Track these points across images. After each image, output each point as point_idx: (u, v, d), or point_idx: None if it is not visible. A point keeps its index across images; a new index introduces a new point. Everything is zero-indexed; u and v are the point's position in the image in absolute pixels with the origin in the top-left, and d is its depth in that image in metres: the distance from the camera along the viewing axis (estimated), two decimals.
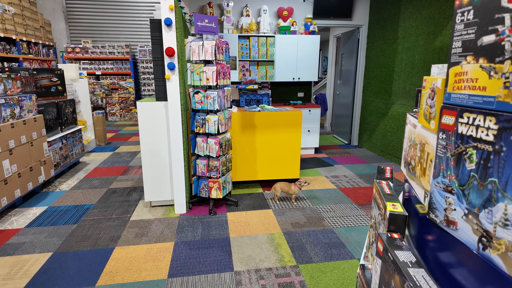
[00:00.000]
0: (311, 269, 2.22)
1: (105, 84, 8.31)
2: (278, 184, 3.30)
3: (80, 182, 3.89)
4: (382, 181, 1.27)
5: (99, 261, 2.30)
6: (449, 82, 0.75)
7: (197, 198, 3.23)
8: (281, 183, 3.31)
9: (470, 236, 0.67)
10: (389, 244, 0.92)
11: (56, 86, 4.24)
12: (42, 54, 6.95)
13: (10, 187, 2.98)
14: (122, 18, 8.41)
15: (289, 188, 3.27)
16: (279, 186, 3.28)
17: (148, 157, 3.04)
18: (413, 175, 1.01)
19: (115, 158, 4.94)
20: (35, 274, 2.14)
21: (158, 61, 2.88)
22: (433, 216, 0.80)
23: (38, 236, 2.63)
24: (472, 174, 0.66)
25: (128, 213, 3.06)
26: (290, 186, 3.28)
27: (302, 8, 5.35)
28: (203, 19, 2.87)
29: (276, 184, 3.31)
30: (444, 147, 0.76)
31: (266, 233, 2.70)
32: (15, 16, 5.99)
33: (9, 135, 3.00)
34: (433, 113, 0.85)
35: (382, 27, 5.06)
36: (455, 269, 0.78)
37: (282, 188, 3.28)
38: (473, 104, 0.67)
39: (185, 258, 2.34)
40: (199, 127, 2.96)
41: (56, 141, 3.93)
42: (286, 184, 3.29)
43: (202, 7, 5.16)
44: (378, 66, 5.20)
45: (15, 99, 3.16)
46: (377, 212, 1.17)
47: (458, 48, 0.72)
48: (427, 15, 4.02)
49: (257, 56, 5.16)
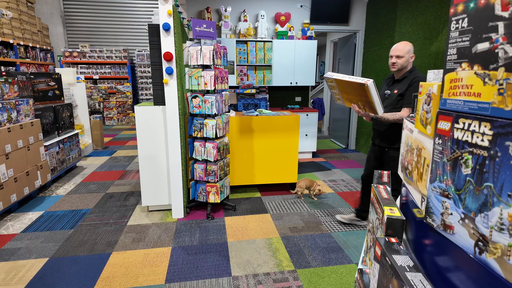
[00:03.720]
0: (309, 274, 2.22)
1: (102, 88, 8.30)
2: (302, 181, 3.53)
3: (77, 186, 3.87)
4: (380, 185, 1.28)
5: (96, 266, 2.28)
6: (444, 88, 0.76)
7: (194, 203, 3.23)
8: (304, 179, 3.55)
9: (467, 240, 0.68)
10: (387, 249, 0.92)
11: (53, 90, 4.23)
12: (40, 58, 6.94)
13: (6, 191, 2.95)
14: (120, 22, 8.43)
15: (312, 184, 3.53)
16: (304, 183, 3.52)
17: (146, 161, 3.03)
18: (410, 179, 1.02)
19: (112, 162, 4.92)
20: (31, 280, 2.11)
21: (156, 66, 2.89)
22: (430, 221, 0.81)
23: (34, 241, 2.60)
24: (468, 179, 0.67)
25: (125, 218, 3.05)
26: (313, 182, 3.54)
27: (300, 14, 5.40)
28: (201, 24, 2.89)
29: (301, 182, 3.53)
30: (441, 152, 0.77)
31: (264, 237, 2.70)
32: (13, 20, 5.99)
33: (6, 139, 2.99)
34: (429, 118, 0.86)
35: (378, 33, 5.12)
36: (452, 273, 0.78)
37: (306, 184, 3.51)
38: (469, 110, 0.68)
39: (183, 263, 2.32)
40: (197, 131, 2.96)
41: (53, 145, 3.91)
42: (309, 180, 3.55)
43: (200, 12, 5.19)
44: (375, 71, 5.24)
45: (12, 103, 3.15)
46: (375, 217, 1.18)
47: (453, 55, 0.73)
48: (423, 21, 4.07)
49: (254, 61, 5.18)
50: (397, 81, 2.40)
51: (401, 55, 2.29)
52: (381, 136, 2.49)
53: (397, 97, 2.35)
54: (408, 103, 2.28)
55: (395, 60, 2.31)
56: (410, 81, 2.30)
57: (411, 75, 2.33)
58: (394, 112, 2.34)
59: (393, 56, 2.32)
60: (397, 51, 2.30)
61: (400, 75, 2.38)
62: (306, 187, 3.49)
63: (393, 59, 2.32)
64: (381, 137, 2.50)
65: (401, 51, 2.29)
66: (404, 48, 2.29)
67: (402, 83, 2.35)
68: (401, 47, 2.30)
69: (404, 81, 2.35)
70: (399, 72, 2.38)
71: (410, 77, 2.32)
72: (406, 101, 2.31)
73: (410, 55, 2.31)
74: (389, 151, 2.46)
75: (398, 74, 2.40)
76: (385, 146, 2.48)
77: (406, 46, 2.30)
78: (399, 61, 2.30)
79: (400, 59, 2.30)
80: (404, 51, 2.29)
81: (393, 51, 2.32)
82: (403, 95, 2.32)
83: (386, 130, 2.44)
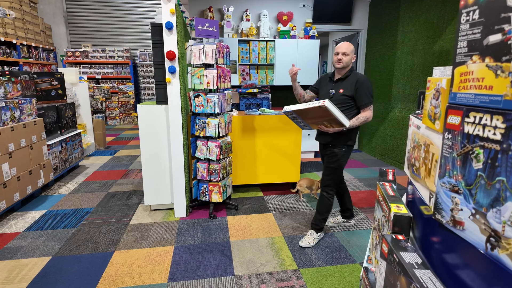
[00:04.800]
0: (312, 273, 2.20)
1: (105, 88, 8.31)
2: (303, 180, 3.46)
3: (79, 185, 3.87)
4: (385, 183, 1.27)
5: (98, 265, 2.28)
6: (454, 82, 0.75)
7: (197, 202, 3.22)
8: (305, 179, 3.47)
9: (478, 236, 0.67)
10: (394, 246, 0.91)
11: (56, 90, 4.23)
12: (42, 58, 6.96)
13: (9, 190, 2.96)
14: (122, 22, 8.45)
15: (313, 183, 3.46)
16: (304, 182, 3.45)
17: (148, 160, 3.03)
18: (418, 176, 1.01)
19: (114, 162, 4.92)
20: (33, 278, 2.11)
21: (159, 65, 2.88)
22: (439, 217, 0.80)
23: (37, 240, 2.60)
24: (479, 173, 0.66)
25: (127, 216, 3.04)
26: (314, 181, 3.46)
27: (302, 13, 5.39)
28: (203, 23, 2.88)
29: (301, 181, 3.46)
30: (450, 147, 0.75)
31: (267, 237, 2.69)
32: (16, 20, 6.00)
33: (9, 138, 2.99)
34: (438, 113, 0.84)
35: (381, 32, 5.10)
36: (462, 270, 0.77)
37: (307, 184, 3.44)
38: (480, 104, 0.67)
39: (185, 262, 2.32)
40: (199, 130, 2.95)
41: (55, 144, 3.92)
42: (310, 180, 3.47)
43: (203, 11, 5.19)
44: (378, 70, 5.22)
45: (15, 103, 3.15)
46: (381, 214, 1.16)
47: (464, 48, 0.72)
48: (426, 20, 4.05)
49: (257, 60, 5.17)
50: (340, 80, 2.45)
51: (347, 52, 2.37)
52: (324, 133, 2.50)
53: (342, 96, 2.40)
54: (366, 104, 2.36)
55: (341, 57, 2.37)
56: (355, 82, 2.37)
57: (353, 75, 2.41)
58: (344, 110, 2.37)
59: (339, 53, 2.38)
60: (343, 49, 2.37)
61: (343, 73, 2.44)
62: (306, 186, 3.46)
63: (339, 56, 2.38)
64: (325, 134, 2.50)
65: (347, 49, 2.37)
66: (349, 47, 2.39)
67: (346, 83, 2.41)
68: (347, 46, 2.38)
69: (347, 80, 2.41)
70: (342, 70, 2.44)
71: (353, 77, 2.40)
72: (362, 102, 2.37)
73: (353, 55, 2.41)
74: (332, 148, 2.49)
75: (340, 72, 2.46)
76: (328, 142, 2.50)
77: (350, 46, 2.40)
78: (345, 58, 2.37)
79: (345, 57, 2.37)
80: (349, 50, 2.38)
81: (339, 48, 2.38)
82: (350, 96, 2.38)
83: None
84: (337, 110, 2.13)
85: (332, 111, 2.09)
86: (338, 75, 2.47)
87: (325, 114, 2.15)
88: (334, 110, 2.10)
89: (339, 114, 2.15)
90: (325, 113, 2.13)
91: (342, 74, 2.45)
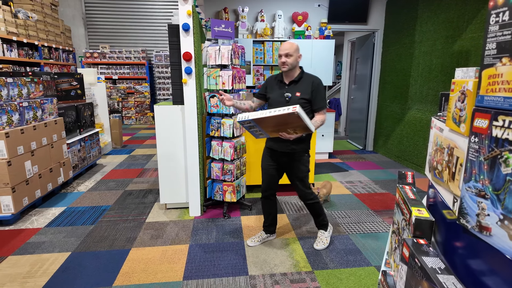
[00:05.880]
0: (327, 276, 2.19)
1: (121, 88, 8.48)
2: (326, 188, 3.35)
3: (97, 183, 3.97)
4: (405, 186, 1.25)
5: (115, 261, 2.33)
6: (482, 85, 0.73)
7: (211, 201, 3.25)
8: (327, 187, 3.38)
9: (506, 242, 0.65)
10: (415, 250, 0.90)
11: (75, 90, 4.35)
12: (62, 59, 7.16)
13: (31, 187, 3.06)
14: (139, 24, 8.60)
15: (330, 192, 3.41)
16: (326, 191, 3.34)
17: (164, 159, 3.07)
18: (440, 179, 0.99)
19: (130, 160, 5.02)
20: (54, 273, 2.18)
21: (176, 66, 2.92)
22: (464, 222, 0.78)
23: (57, 235, 2.68)
24: (508, 178, 0.64)
25: (143, 215, 3.10)
26: (330, 190, 3.42)
27: (317, 13, 5.36)
28: (219, 24, 2.90)
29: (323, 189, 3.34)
30: (477, 151, 0.74)
31: (281, 238, 2.68)
32: (38, 22, 6.21)
33: (31, 137, 3.09)
34: (463, 116, 0.83)
35: (398, 31, 5.01)
36: (487, 276, 0.75)
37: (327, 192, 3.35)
38: (509, 107, 0.65)
39: (200, 261, 2.34)
40: (214, 130, 2.98)
41: (75, 143, 4.03)
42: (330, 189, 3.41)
43: (218, 12, 5.23)
44: (394, 70, 5.13)
45: (38, 102, 3.26)
46: (401, 218, 1.15)
47: (492, 49, 0.70)
48: (446, 19, 3.95)
49: (271, 60, 5.17)
50: (293, 82, 2.31)
51: (290, 53, 2.22)
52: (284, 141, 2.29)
53: (300, 99, 2.25)
54: (321, 107, 2.27)
55: (285, 59, 2.23)
56: (310, 85, 2.25)
57: (306, 77, 2.30)
58: None
59: (282, 56, 2.24)
60: (285, 50, 2.23)
61: (294, 76, 2.30)
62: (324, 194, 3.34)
63: (283, 58, 2.24)
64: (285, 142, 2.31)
65: (290, 49, 2.22)
66: (291, 46, 2.23)
67: (301, 86, 2.28)
68: (289, 46, 2.23)
69: (302, 82, 2.28)
70: (291, 72, 2.30)
71: (307, 79, 2.28)
72: (318, 106, 2.27)
73: (298, 54, 2.26)
74: (298, 155, 2.38)
75: (289, 74, 2.31)
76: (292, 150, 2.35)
77: (293, 45, 2.25)
78: (289, 60, 2.23)
79: (289, 58, 2.23)
80: (293, 50, 2.23)
81: (281, 50, 2.24)
82: (307, 100, 2.26)
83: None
84: (306, 116, 1.95)
85: (303, 116, 1.90)
86: (289, 78, 2.32)
87: (292, 121, 1.95)
88: (304, 115, 1.91)
89: (308, 120, 1.97)
90: (293, 120, 1.93)
91: (294, 77, 2.30)
